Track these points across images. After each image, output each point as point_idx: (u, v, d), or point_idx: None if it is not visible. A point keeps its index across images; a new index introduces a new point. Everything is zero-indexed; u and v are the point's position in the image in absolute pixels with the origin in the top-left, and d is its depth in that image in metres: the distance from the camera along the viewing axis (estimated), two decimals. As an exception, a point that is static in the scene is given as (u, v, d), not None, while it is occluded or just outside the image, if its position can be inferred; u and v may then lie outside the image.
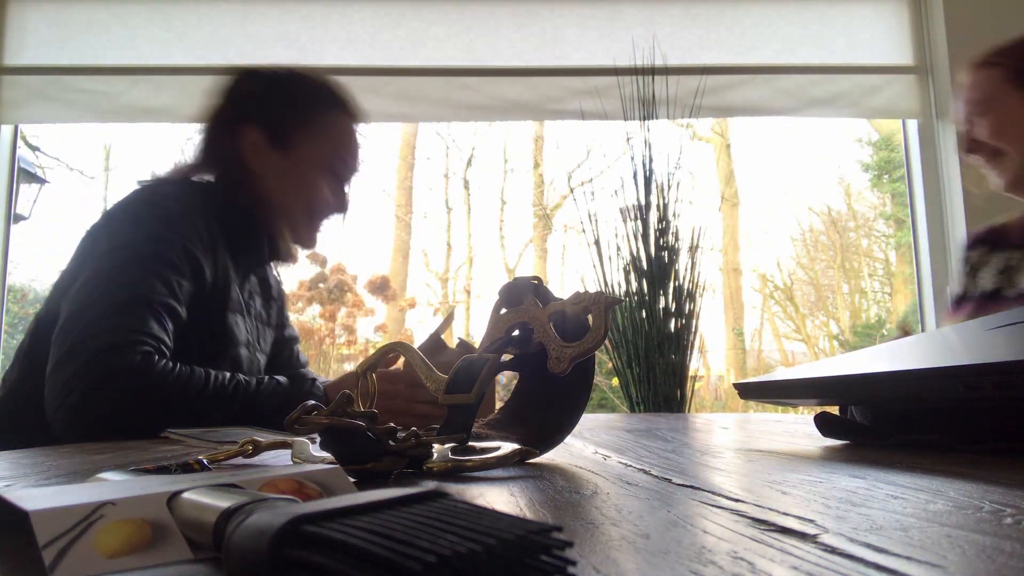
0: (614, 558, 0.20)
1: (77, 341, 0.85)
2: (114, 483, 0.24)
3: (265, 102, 1.07)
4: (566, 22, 2.32)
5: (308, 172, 1.07)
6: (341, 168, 1.09)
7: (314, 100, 1.09)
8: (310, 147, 1.07)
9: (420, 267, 4.03)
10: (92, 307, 0.87)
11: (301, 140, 1.06)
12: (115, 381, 0.83)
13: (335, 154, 1.08)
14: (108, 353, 0.84)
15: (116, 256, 0.92)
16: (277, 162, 1.06)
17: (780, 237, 4.00)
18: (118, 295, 0.88)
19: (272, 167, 1.06)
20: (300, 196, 1.06)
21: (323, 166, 1.07)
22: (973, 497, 0.29)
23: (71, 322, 0.87)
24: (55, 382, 0.85)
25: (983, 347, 0.49)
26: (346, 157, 1.09)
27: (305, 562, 0.16)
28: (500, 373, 0.50)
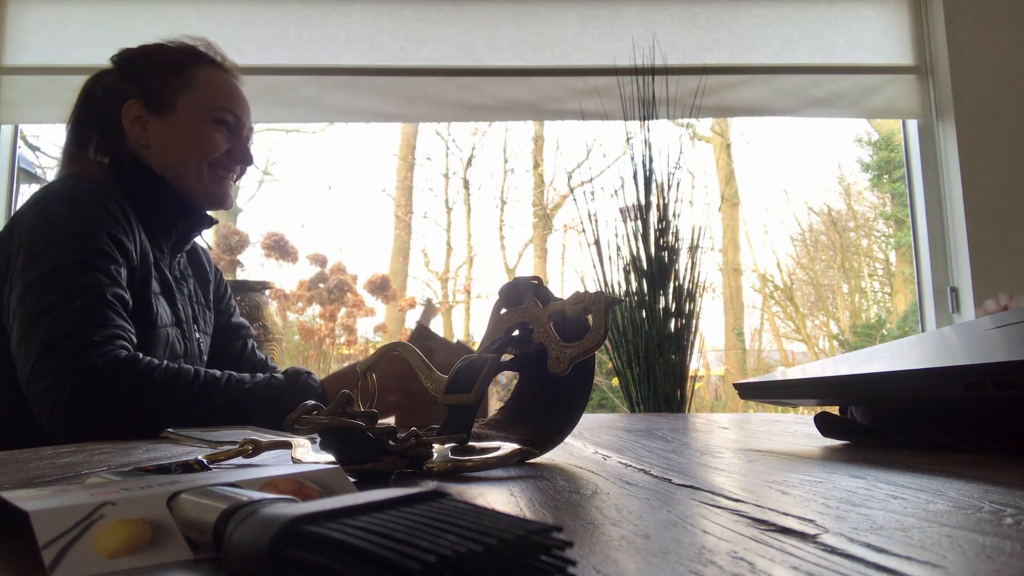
0: (614, 558, 0.20)
1: (47, 347, 0.85)
2: (114, 483, 0.24)
3: (136, 75, 1.07)
4: (566, 22, 2.32)
5: (192, 125, 1.07)
6: (226, 116, 1.09)
7: (180, 60, 1.09)
8: (188, 102, 1.07)
9: (420, 267, 4.03)
10: (48, 312, 0.87)
11: (178, 98, 1.06)
12: (101, 377, 0.83)
13: (214, 104, 1.08)
14: (86, 352, 0.84)
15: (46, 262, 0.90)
16: (161, 127, 1.06)
17: (780, 237, 3.99)
18: (70, 295, 0.87)
19: (158, 133, 1.06)
20: (192, 150, 1.06)
21: (206, 117, 1.07)
22: (973, 497, 0.29)
23: (31, 332, 0.86)
24: (37, 391, 0.85)
25: (983, 347, 0.49)
26: (227, 104, 1.09)
27: (305, 562, 0.16)
28: (500, 373, 0.50)
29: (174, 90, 1.07)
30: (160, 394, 0.86)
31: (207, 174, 1.08)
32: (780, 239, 4.00)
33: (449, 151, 4.00)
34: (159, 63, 1.09)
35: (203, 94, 1.08)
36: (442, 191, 4.04)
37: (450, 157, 4.04)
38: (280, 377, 0.94)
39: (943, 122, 2.32)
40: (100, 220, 0.95)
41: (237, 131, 1.11)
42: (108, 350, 0.85)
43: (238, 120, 1.11)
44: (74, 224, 0.94)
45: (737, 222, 3.81)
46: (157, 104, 1.06)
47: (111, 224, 0.95)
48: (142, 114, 1.06)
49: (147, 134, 1.06)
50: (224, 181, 1.11)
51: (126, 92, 1.06)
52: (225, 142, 1.09)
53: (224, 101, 1.09)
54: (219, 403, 0.88)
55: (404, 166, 4.05)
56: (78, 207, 0.95)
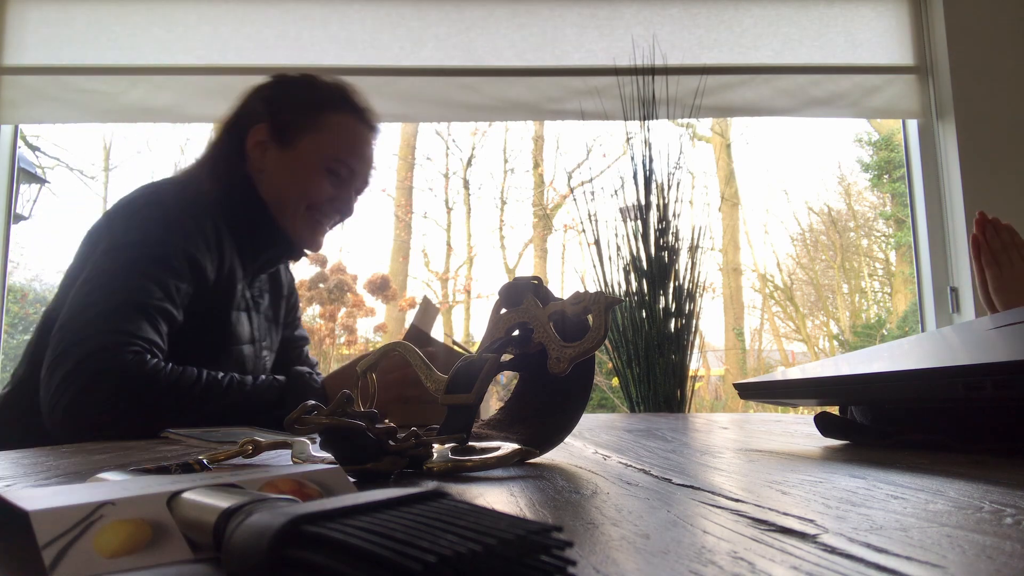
0: (614, 558, 0.20)
1: (70, 344, 0.86)
2: (114, 483, 0.24)
3: (274, 102, 1.09)
4: (566, 22, 2.32)
5: (306, 168, 1.07)
6: (342, 169, 1.09)
7: (321, 99, 1.10)
8: (311, 144, 1.07)
9: (420, 267, 4.03)
10: (87, 310, 0.88)
11: (304, 137, 1.07)
12: (106, 381, 0.84)
13: (336, 154, 1.08)
14: (98, 354, 0.84)
15: (114, 258, 0.92)
16: (279, 158, 1.07)
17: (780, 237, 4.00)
18: (112, 299, 0.88)
19: (274, 163, 1.07)
20: (296, 190, 1.07)
21: (322, 164, 1.08)
22: (973, 497, 0.29)
23: (66, 324, 0.88)
24: (48, 384, 0.86)
25: (983, 347, 0.49)
26: (348, 159, 1.09)
27: (305, 562, 0.16)
28: (500, 373, 0.50)
29: (301, 128, 1.07)
30: (162, 396, 0.86)
31: (303, 216, 1.08)
32: (780, 239, 4.00)
33: (449, 151, 4.00)
34: (299, 97, 1.09)
35: (327, 141, 1.08)
36: (442, 191, 4.04)
37: (450, 157, 4.04)
38: (281, 379, 0.95)
39: (943, 122, 2.32)
40: (185, 234, 0.96)
41: (347, 181, 1.11)
42: (118, 355, 0.85)
43: (352, 172, 1.10)
44: (158, 232, 0.95)
45: (737, 222, 3.81)
46: (281, 136, 1.07)
47: (195, 240, 0.96)
48: (265, 139, 1.07)
49: (264, 160, 1.07)
50: (318, 226, 1.11)
51: (261, 115, 1.08)
52: (331, 189, 1.09)
53: (344, 153, 1.09)
54: (221, 405, 0.89)
55: (404, 166, 4.04)
56: (170, 215, 0.97)
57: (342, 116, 1.10)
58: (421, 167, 4.11)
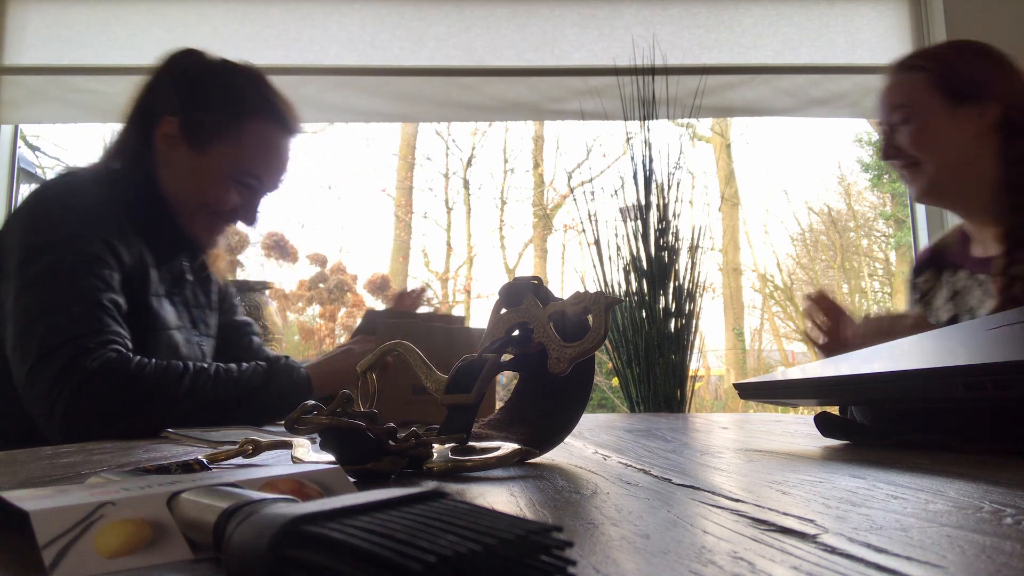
0: (614, 558, 0.20)
1: (43, 352, 0.85)
2: (114, 483, 0.24)
3: (190, 97, 1.03)
4: (566, 22, 2.32)
5: (214, 177, 1.03)
6: (254, 182, 1.05)
7: (241, 103, 1.04)
8: (224, 154, 1.02)
9: (420, 267, 4.03)
10: (43, 317, 0.87)
11: (218, 145, 1.02)
12: (95, 382, 0.84)
13: (250, 167, 1.04)
14: (80, 358, 0.84)
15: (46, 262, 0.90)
16: (187, 159, 1.02)
17: (780, 237, 3.99)
18: (66, 301, 0.88)
19: (180, 161, 1.02)
20: (199, 197, 1.03)
21: (233, 176, 1.03)
22: (973, 497, 0.29)
23: (27, 336, 0.87)
24: (33, 395, 0.86)
25: (983, 347, 0.49)
26: (262, 173, 1.05)
27: (305, 562, 0.16)
28: (500, 373, 0.50)
29: (215, 134, 1.02)
30: (153, 391, 0.86)
31: (202, 218, 1.05)
32: (780, 239, 4.00)
33: (449, 151, 4.00)
34: (216, 96, 1.03)
35: (241, 154, 1.03)
36: (442, 191, 4.04)
37: (450, 157, 4.04)
38: (263, 364, 0.96)
39: (943, 122, 2.32)
40: (97, 224, 0.94)
41: (255, 191, 1.07)
42: (101, 353, 0.85)
43: (261, 184, 1.06)
44: (71, 227, 0.93)
45: (737, 222, 3.81)
46: (193, 137, 1.02)
47: (107, 229, 0.95)
48: (175, 135, 1.02)
49: (171, 155, 1.03)
50: (214, 231, 1.08)
51: (174, 107, 1.02)
52: (237, 199, 1.05)
53: (257, 168, 1.05)
54: (211, 394, 0.89)
55: (404, 166, 4.04)
56: (75, 210, 0.95)
57: (261, 124, 1.04)
58: (421, 167, 4.11)
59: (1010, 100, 1.07)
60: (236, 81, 1.05)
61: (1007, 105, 1.06)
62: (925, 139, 1.09)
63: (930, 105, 1.09)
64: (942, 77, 1.09)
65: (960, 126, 1.08)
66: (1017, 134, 1.05)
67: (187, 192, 1.03)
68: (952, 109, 1.08)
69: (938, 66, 1.11)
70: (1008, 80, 1.09)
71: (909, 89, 1.12)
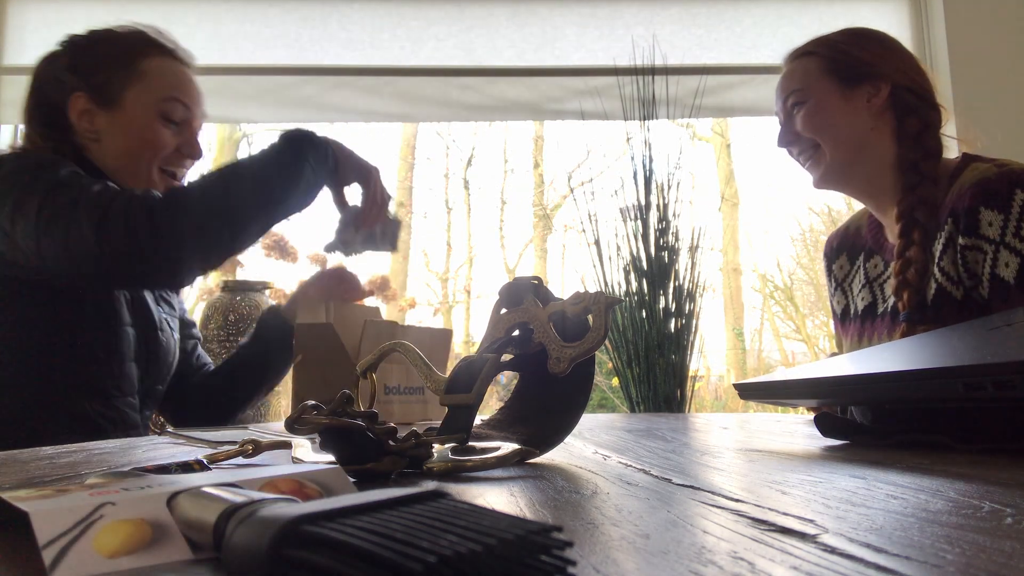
0: (614, 558, 0.20)
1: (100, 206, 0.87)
2: (114, 483, 0.24)
3: (81, 68, 1.05)
4: (566, 22, 2.32)
5: (140, 121, 1.05)
6: (175, 108, 1.07)
7: (129, 49, 1.07)
8: (135, 96, 1.05)
9: (420, 267, 4.03)
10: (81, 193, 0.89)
11: (127, 91, 1.04)
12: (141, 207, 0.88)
13: (162, 95, 1.06)
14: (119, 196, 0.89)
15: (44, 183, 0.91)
16: (110, 121, 1.04)
17: (780, 237, 3.99)
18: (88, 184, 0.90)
19: (106, 127, 1.04)
20: (141, 149, 1.05)
21: (156, 111, 1.06)
22: (973, 497, 0.29)
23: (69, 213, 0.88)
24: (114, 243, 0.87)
25: (983, 347, 0.49)
26: (175, 95, 1.07)
27: (305, 562, 0.16)
28: (500, 373, 0.50)
29: (121, 84, 1.04)
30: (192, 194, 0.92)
31: (156, 176, 1.07)
32: (780, 239, 4.00)
33: (449, 151, 4.00)
34: (106, 54, 1.06)
35: (151, 86, 1.05)
36: (442, 191, 4.04)
37: (450, 157, 4.04)
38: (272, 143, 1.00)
39: (943, 122, 2.32)
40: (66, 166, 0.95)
41: (187, 124, 1.09)
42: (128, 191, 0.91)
43: (188, 110, 1.08)
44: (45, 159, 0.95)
45: (737, 222, 3.81)
46: (104, 98, 1.04)
47: None
48: (89, 107, 1.04)
49: (96, 128, 1.04)
50: (174, 180, 1.10)
51: (73, 84, 1.04)
52: (172, 136, 1.07)
53: (172, 91, 1.07)
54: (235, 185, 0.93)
55: (404, 166, 4.04)
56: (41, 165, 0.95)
57: (156, 60, 1.08)
58: (421, 167, 4.11)
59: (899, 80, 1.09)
60: (120, 37, 1.09)
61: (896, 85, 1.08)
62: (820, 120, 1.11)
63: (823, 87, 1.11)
64: (833, 60, 1.12)
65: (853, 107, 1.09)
66: (908, 113, 1.08)
67: (125, 149, 1.05)
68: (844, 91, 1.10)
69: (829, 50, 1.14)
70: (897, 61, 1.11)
71: (802, 74, 1.14)
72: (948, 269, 0.96)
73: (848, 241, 1.23)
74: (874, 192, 1.13)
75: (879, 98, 1.08)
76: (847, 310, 1.20)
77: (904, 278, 1.01)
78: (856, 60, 1.11)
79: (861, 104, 1.09)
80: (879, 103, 1.08)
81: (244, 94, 2.23)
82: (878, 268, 1.15)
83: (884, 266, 1.13)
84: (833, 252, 1.26)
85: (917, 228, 1.01)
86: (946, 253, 0.97)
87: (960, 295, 0.96)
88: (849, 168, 1.11)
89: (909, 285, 0.99)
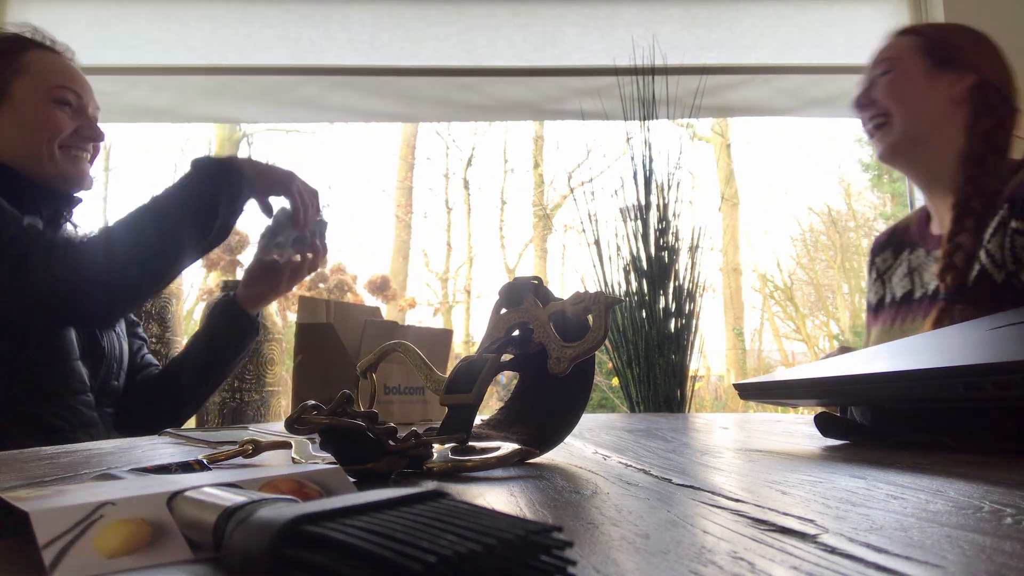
0: (614, 558, 0.20)
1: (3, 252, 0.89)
2: (114, 483, 0.24)
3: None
4: (566, 22, 2.32)
5: (32, 108, 1.06)
6: (66, 95, 1.08)
7: (7, 47, 1.09)
8: (23, 86, 1.06)
9: (420, 267, 4.03)
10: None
11: (13, 83, 1.06)
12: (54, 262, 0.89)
13: (51, 83, 1.08)
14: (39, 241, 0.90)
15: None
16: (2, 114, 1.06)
17: (780, 237, 3.99)
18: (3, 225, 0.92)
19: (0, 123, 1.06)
20: (37, 134, 1.06)
21: (47, 97, 1.07)
22: (973, 497, 0.29)
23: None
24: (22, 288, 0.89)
25: (983, 347, 0.49)
26: (65, 83, 1.09)
27: (305, 562, 0.16)
28: (500, 373, 0.50)
29: (6, 77, 1.06)
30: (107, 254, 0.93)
31: (59, 156, 1.07)
32: (780, 239, 4.00)
33: (449, 151, 4.00)
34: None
35: (38, 76, 1.07)
36: (442, 191, 4.04)
37: (450, 157, 4.04)
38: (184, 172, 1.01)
39: (943, 122, 2.32)
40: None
41: (81, 110, 1.10)
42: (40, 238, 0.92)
43: (80, 98, 1.10)
44: None
45: (737, 222, 3.81)
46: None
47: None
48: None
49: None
50: (79, 160, 1.11)
51: None
52: (69, 119, 1.08)
53: (61, 80, 1.09)
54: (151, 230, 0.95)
55: (404, 166, 4.04)
56: None
57: (37, 53, 1.10)
58: (421, 167, 4.11)
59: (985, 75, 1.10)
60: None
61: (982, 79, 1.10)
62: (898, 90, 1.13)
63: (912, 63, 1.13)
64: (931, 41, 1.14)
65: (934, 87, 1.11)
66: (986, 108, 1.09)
67: (26, 137, 1.06)
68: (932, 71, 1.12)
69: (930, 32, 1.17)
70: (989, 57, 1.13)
71: (896, 47, 1.17)
72: (994, 251, 0.98)
73: (896, 237, 1.26)
74: (932, 178, 1.14)
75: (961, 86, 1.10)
76: (882, 300, 1.22)
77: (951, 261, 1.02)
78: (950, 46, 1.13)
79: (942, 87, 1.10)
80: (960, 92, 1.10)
81: (244, 94, 2.23)
82: (920, 258, 1.17)
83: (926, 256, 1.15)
84: (879, 247, 1.29)
85: (971, 216, 1.02)
86: (995, 236, 0.98)
87: (1001, 278, 0.97)
88: (913, 145, 1.12)
89: (955, 268, 1.01)
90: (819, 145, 3.85)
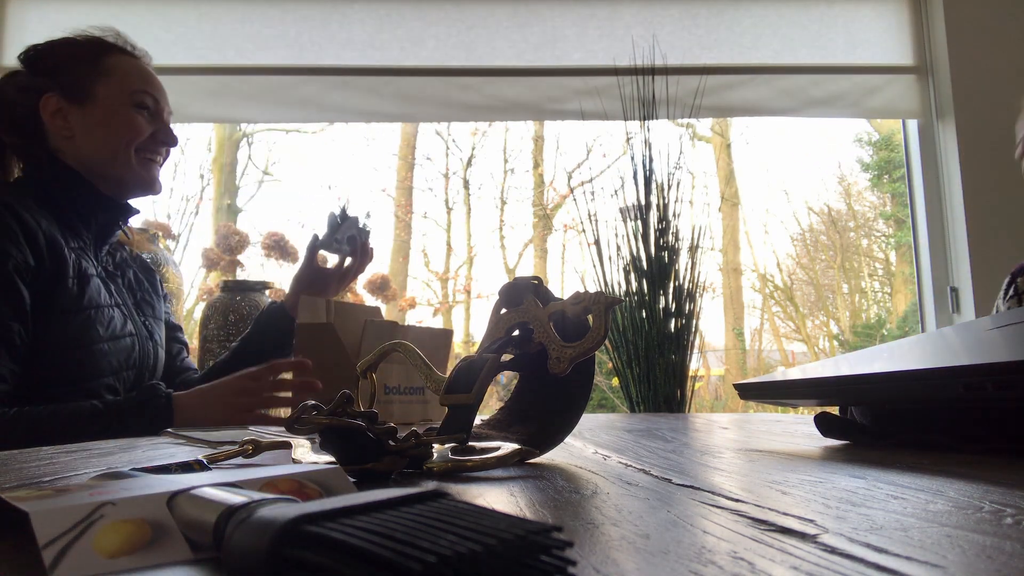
0: (614, 558, 0.20)
1: None
2: (114, 483, 0.24)
3: (49, 72, 1.08)
4: (566, 22, 2.32)
5: (114, 111, 1.08)
6: (146, 99, 1.10)
7: (92, 50, 1.11)
8: (106, 90, 1.08)
9: (420, 267, 4.02)
10: None
11: (98, 85, 1.08)
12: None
13: (132, 88, 1.10)
14: None
15: None
16: (84, 115, 1.07)
17: (780, 237, 3.99)
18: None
19: (80, 123, 1.07)
20: (117, 136, 1.07)
21: (129, 101, 1.09)
22: (973, 497, 0.29)
23: None
24: None
25: (983, 347, 0.49)
26: (145, 88, 1.11)
27: (305, 562, 0.16)
28: (500, 373, 0.50)
29: (90, 79, 1.07)
30: None
31: (135, 160, 1.09)
32: (780, 239, 4.00)
33: (449, 151, 4.00)
34: (70, 55, 1.09)
35: (120, 80, 1.09)
36: (442, 191, 4.04)
37: (450, 157, 4.04)
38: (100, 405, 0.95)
39: (943, 122, 2.32)
40: None
41: (158, 114, 1.12)
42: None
43: (157, 103, 1.12)
44: None
45: (737, 222, 3.80)
46: (76, 94, 1.07)
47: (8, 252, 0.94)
48: (62, 106, 1.06)
49: (70, 124, 1.06)
50: (152, 165, 1.12)
51: (41, 87, 1.07)
52: (147, 123, 1.10)
53: (142, 85, 1.11)
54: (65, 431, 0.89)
55: (404, 166, 4.04)
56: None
57: (115, 56, 1.12)
58: (421, 167, 4.11)
59: None
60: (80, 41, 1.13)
61: None
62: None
63: None
64: None
65: None
66: None
67: (102, 139, 1.07)
68: None
69: None
70: None
71: None
72: None
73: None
74: None
75: None
76: None
77: None
78: None
79: None
80: None
81: (244, 94, 2.23)
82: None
83: None
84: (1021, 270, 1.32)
85: None
86: None
87: None
88: None
89: None
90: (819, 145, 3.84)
